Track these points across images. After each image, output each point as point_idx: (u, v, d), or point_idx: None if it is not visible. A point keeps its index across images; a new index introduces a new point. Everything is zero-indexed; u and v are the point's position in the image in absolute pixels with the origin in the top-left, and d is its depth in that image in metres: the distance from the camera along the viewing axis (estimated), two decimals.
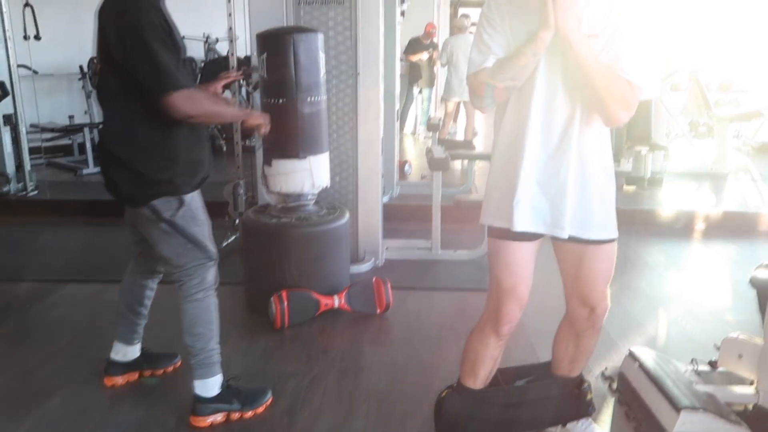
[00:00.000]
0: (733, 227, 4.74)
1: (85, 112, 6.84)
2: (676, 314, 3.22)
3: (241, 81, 3.83)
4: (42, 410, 2.26)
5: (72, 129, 6.58)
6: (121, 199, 2.11)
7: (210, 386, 2.16)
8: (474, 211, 3.98)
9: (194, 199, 2.11)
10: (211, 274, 2.17)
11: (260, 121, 2.25)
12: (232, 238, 4.04)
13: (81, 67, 6.70)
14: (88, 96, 6.78)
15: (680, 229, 4.73)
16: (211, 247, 2.16)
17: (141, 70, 1.88)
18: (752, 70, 8.54)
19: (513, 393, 2.04)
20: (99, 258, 3.93)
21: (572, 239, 1.75)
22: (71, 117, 6.77)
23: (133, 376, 2.46)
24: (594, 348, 2.00)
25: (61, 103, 6.97)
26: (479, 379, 1.94)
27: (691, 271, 4.03)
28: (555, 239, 1.80)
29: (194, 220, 2.10)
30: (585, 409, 2.08)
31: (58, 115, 6.75)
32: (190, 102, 1.92)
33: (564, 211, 1.70)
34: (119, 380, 2.43)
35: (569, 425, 2.10)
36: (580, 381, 2.05)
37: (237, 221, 4.00)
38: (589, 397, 2.07)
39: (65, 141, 6.66)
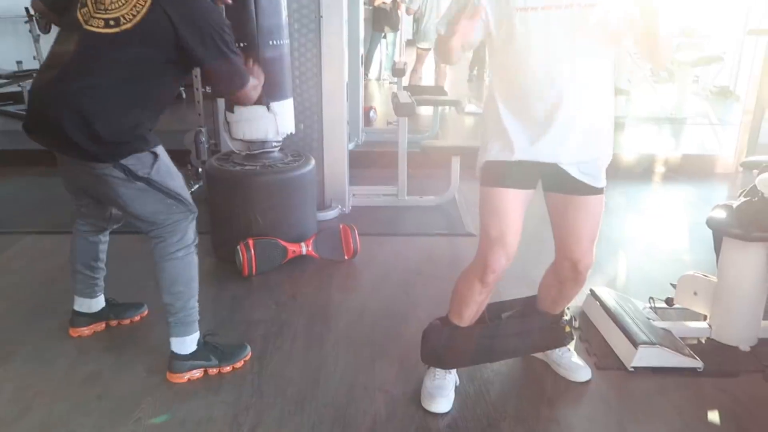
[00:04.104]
0: (692, 170, 4.87)
1: (34, 58, 6.51)
2: (636, 256, 3.32)
3: None
4: (7, 364, 2.23)
5: (21, 75, 6.27)
6: (80, 156, 1.92)
7: (188, 344, 2.13)
8: (440, 156, 4.02)
9: (163, 151, 2.01)
10: (192, 229, 2.11)
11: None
12: (196, 186, 3.97)
13: (27, 9, 6.33)
14: (36, 40, 6.44)
15: (640, 172, 4.83)
16: (190, 199, 2.09)
17: (219, 68, 1.98)
18: (712, 13, 8.58)
19: (495, 328, 2.11)
20: (56, 209, 3.81)
21: (559, 189, 1.84)
22: (19, 62, 6.44)
23: (100, 326, 2.43)
24: (576, 295, 2.09)
25: (7, 48, 6.61)
26: (464, 319, 1.99)
27: (650, 214, 4.13)
28: (546, 190, 1.88)
29: (169, 173, 2.01)
30: (563, 340, 2.20)
31: (5, 61, 6.41)
32: (254, 90, 2.15)
33: (560, 142, 1.75)
34: (85, 331, 2.39)
35: (548, 352, 2.22)
36: (559, 316, 2.16)
37: (200, 170, 3.92)
38: (567, 329, 2.18)
39: (14, 88, 6.36)
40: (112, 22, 1.85)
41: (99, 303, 2.41)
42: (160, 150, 2.00)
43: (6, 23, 6.64)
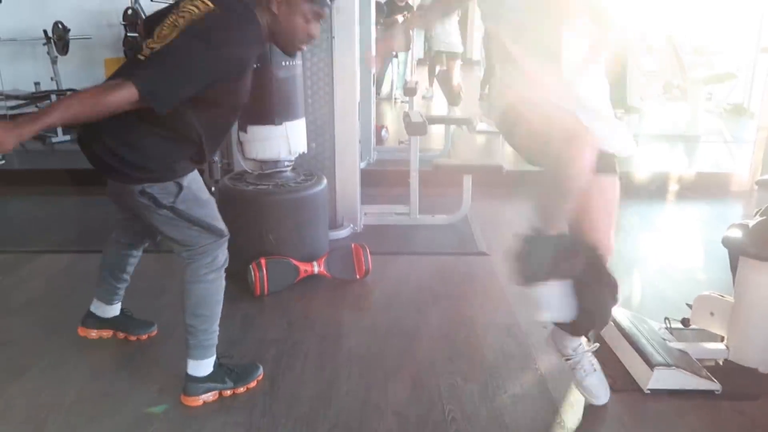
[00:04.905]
0: (706, 188, 4.84)
1: (52, 79, 6.63)
2: (650, 275, 3.29)
3: None
4: (22, 381, 2.24)
5: (38, 96, 6.39)
6: (112, 176, 1.95)
7: (204, 366, 2.11)
8: (452, 175, 4.01)
9: (194, 181, 1.99)
10: (223, 253, 2.10)
11: None
12: None
13: (45, 32, 6.47)
14: (53, 62, 6.57)
15: (654, 190, 4.80)
16: (220, 225, 2.07)
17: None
18: (725, 31, 8.58)
19: None
20: (72, 228, 3.87)
21: None
22: (37, 84, 6.56)
23: (108, 333, 2.46)
24: None
25: (25, 69, 6.74)
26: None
27: (664, 232, 4.10)
28: None
29: (197, 201, 1.99)
30: None
31: (23, 82, 6.54)
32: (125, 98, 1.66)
33: None
34: (93, 334, 2.43)
35: (575, 369, 2.11)
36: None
37: (213, 189, 3.95)
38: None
39: (32, 109, 6.46)
40: (149, 51, 1.80)
41: (114, 310, 2.44)
42: (189, 179, 1.96)
43: (25, 45, 6.79)
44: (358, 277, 3.10)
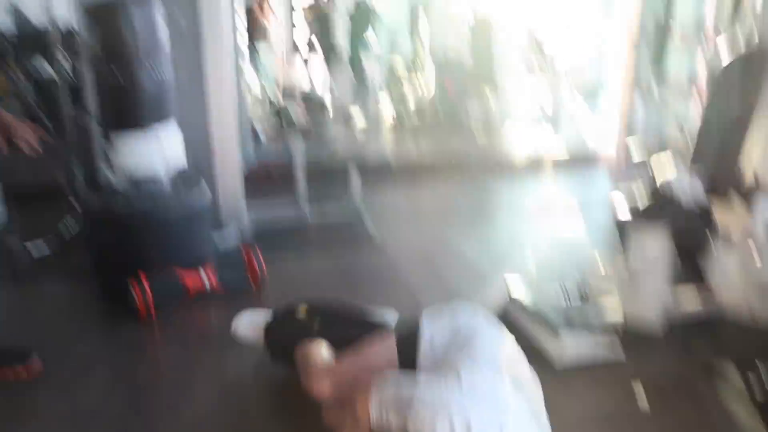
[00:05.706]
0: (572, 160, 5.24)
1: None
2: (541, 242, 3.43)
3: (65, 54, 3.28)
4: None
5: None
6: None
7: None
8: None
9: None
10: None
11: (27, 135, 1.91)
12: (74, 223, 3.53)
13: None
14: None
15: (528, 167, 5.12)
16: None
17: None
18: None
19: None
20: None
21: None
22: None
23: None
24: None
25: None
26: None
27: (543, 202, 4.30)
28: None
29: None
30: None
31: None
32: None
33: None
34: None
35: None
36: None
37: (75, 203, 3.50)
38: None
39: None
40: None
41: None
42: None
43: None
44: (251, 281, 2.88)
